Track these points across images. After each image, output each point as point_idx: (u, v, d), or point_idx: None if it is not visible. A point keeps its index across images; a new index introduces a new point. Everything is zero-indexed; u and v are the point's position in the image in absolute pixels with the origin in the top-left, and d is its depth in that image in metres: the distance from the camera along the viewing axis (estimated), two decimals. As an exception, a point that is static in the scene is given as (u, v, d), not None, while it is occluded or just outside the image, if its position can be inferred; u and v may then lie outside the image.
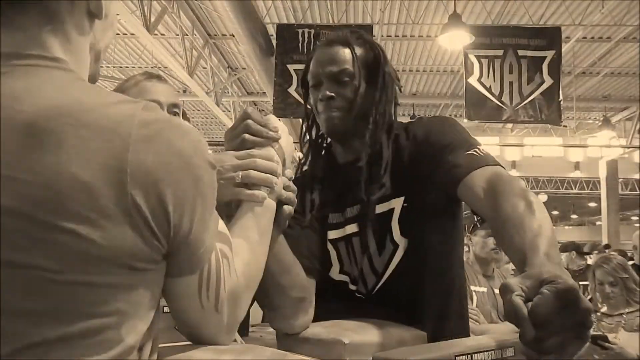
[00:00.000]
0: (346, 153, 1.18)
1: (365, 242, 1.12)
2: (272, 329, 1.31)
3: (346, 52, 1.13)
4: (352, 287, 1.14)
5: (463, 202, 1.08)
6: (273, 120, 0.88)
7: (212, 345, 0.69)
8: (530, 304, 0.61)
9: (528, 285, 0.63)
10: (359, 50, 1.14)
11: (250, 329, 1.23)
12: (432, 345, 0.74)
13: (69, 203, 0.50)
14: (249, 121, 0.86)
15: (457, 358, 0.66)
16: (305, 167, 1.22)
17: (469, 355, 0.68)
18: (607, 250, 4.33)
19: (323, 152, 1.23)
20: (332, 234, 1.15)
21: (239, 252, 0.72)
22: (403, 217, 1.10)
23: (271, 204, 0.82)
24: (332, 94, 1.11)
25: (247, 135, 0.85)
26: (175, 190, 0.56)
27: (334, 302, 1.09)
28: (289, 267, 0.96)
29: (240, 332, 1.15)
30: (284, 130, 0.88)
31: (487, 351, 0.70)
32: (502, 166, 1.02)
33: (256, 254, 0.76)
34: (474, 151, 1.03)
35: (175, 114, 1.24)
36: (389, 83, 1.16)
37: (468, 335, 1.16)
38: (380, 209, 1.11)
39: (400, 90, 1.21)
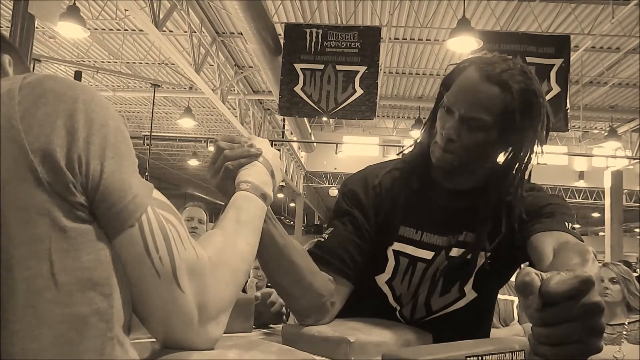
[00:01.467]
0: (447, 179, 1.09)
1: (432, 277, 1.07)
2: (276, 325, 1.30)
3: (496, 99, 0.97)
4: (394, 304, 1.11)
5: None
6: (252, 138, 0.88)
7: (184, 345, 0.63)
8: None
9: (548, 275, 0.62)
10: (513, 99, 0.97)
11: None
12: (442, 345, 0.72)
13: None
14: (225, 152, 0.85)
15: (468, 359, 0.65)
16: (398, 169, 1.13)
17: (480, 357, 0.66)
18: None
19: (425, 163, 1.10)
20: (398, 246, 1.09)
21: (210, 238, 0.70)
22: (481, 271, 1.06)
23: (254, 199, 0.80)
24: (454, 138, 1.00)
25: (228, 164, 0.85)
26: (72, 134, 0.56)
27: (368, 310, 1.06)
28: (299, 278, 0.95)
29: (242, 328, 1.13)
30: (264, 143, 0.89)
31: (497, 354, 0.69)
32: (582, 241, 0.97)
33: (231, 242, 0.71)
34: (565, 222, 1.00)
35: None
36: (532, 146, 1.01)
37: None
38: (458, 253, 1.06)
39: (541, 150, 1.03)
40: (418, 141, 1.13)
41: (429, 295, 1.08)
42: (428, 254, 1.07)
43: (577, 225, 1.10)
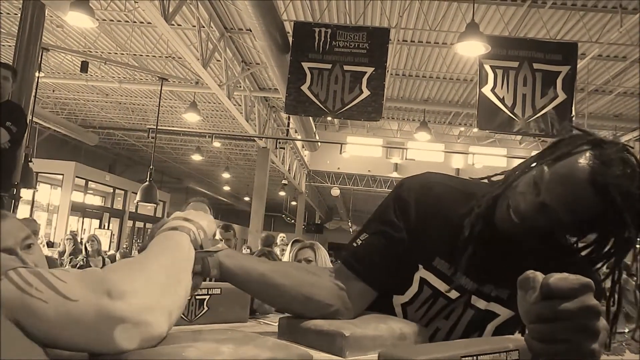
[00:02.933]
0: (505, 235, 0.98)
1: (447, 317, 1.03)
2: (272, 318, 1.30)
3: (593, 207, 0.86)
4: None
5: None
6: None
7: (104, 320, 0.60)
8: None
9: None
10: (610, 210, 0.85)
11: (249, 317, 1.23)
12: (438, 344, 0.73)
13: None
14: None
15: (463, 359, 0.66)
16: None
17: (475, 357, 0.67)
18: None
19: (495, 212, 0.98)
20: (426, 275, 1.02)
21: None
22: (501, 327, 1.02)
23: (170, 233, 0.83)
24: (525, 221, 0.92)
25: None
26: None
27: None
28: (293, 297, 0.95)
29: (237, 318, 1.14)
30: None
31: (492, 353, 0.69)
32: None
33: (138, 257, 0.76)
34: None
35: (30, 245, 1.07)
36: (619, 250, 0.91)
37: None
38: (489, 306, 1.01)
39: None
40: (496, 179, 1.05)
41: (445, 339, 1.03)
42: (453, 294, 1.01)
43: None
